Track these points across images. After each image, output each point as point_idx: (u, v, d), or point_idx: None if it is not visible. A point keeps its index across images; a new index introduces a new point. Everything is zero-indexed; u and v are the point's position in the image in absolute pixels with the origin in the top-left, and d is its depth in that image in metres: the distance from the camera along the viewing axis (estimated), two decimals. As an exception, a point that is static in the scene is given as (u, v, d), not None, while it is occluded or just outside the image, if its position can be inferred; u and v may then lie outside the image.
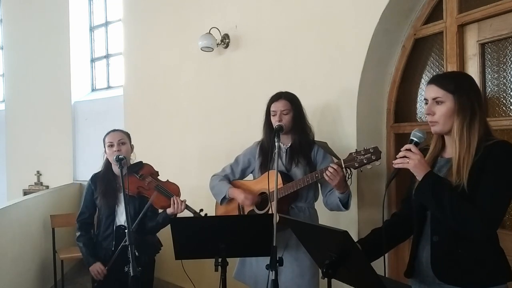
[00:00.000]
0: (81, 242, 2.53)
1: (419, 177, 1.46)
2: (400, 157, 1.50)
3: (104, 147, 2.52)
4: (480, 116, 1.46)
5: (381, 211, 1.86)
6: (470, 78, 1.57)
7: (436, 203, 1.43)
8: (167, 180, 2.52)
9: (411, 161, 1.47)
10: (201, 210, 2.41)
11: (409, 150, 1.49)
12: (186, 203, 2.38)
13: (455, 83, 1.48)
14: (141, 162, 2.55)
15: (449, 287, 1.48)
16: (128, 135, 2.57)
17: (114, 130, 2.54)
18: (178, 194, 2.44)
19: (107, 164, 2.55)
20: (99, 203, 2.50)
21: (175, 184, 2.51)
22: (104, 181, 2.50)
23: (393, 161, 1.53)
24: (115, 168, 2.50)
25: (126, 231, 2.37)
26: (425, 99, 1.55)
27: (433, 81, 1.53)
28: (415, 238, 1.61)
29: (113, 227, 2.46)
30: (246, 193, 2.26)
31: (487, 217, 1.38)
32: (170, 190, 2.44)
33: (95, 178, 2.56)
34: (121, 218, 2.47)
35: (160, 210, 2.49)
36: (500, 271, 1.47)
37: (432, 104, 1.51)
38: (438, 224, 1.50)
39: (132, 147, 2.56)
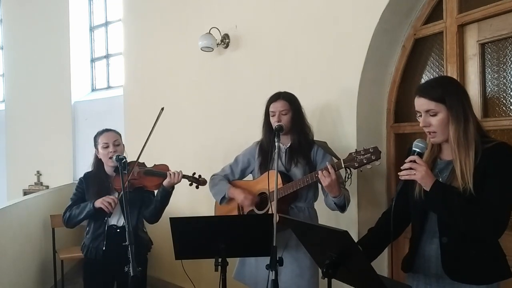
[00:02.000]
0: (69, 211, 2.43)
1: (427, 187, 1.49)
2: (406, 169, 1.51)
3: (96, 147, 2.50)
4: (472, 117, 1.49)
5: (381, 211, 1.88)
6: (455, 81, 1.60)
7: (447, 211, 1.47)
8: (154, 164, 2.54)
9: (418, 172, 1.48)
10: (194, 173, 2.50)
11: (414, 161, 1.50)
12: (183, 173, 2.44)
13: (443, 90, 1.50)
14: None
15: (452, 282, 1.52)
16: (120, 135, 2.56)
17: (107, 130, 2.52)
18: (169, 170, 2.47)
19: (98, 164, 2.52)
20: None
21: (163, 164, 2.53)
22: (97, 181, 2.47)
23: (398, 173, 1.54)
24: (108, 168, 2.50)
25: (118, 231, 2.41)
26: (416, 111, 1.57)
27: (421, 93, 1.53)
28: (416, 234, 1.64)
29: (104, 226, 2.43)
30: (245, 193, 2.26)
31: (496, 219, 1.42)
32: (159, 170, 2.48)
33: (87, 177, 2.54)
34: (113, 218, 2.44)
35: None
36: (501, 267, 1.53)
37: (426, 116, 1.53)
38: (446, 226, 1.53)
39: (123, 145, 2.55)
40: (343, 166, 1.97)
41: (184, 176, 2.45)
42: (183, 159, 3.86)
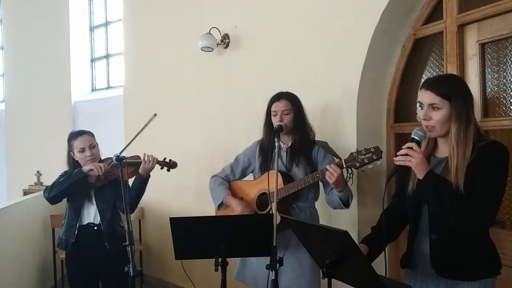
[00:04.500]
0: (57, 185, 2.48)
1: (420, 175, 1.49)
2: (402, 155, 1.51)
3: (72, 150, 2.55)
4: (473, 120, 1.51)
5: (381, 211, 1.87)
6: (463, 82, 1.61)
7: (437, 201, 1.47)
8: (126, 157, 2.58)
9: (413, 159, 1.49)
10: (165, 158, 2.59)
11: (411, 148, 1.50)
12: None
13: (451, 88, 1.50)
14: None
15: (446, 280, 1.53)
16: (93, 135, 2.61)
17: (81, 134, 2.55)
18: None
19: (75, 164, 2.57)
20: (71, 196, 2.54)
21: (134, 155, 2.58)
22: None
23: (394, 158, 1.55)
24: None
25: (95, 228, 2.49)
26: (419, 102, 1.56)
27: (428, 86, 1.53)
28: (411, 232, 1.66)
29: (77, 219, 2.50)
30: (243, 205, 2.25)
31: (484, 216, 1.44)
32: (132, 159, 2.54)
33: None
34: (90, 215, 2.51)
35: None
36: (492, 265, 1.54)
37: (428, 109, 1.52)
38: (436, 222, 1.55)
39: (97, 145, 2.60)
40: (344, 166, 1.98)
41: (159, 162, 2.54)
42: (183, 159, 3.86)
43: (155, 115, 2.39)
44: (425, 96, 1.53)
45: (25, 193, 5.75)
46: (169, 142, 4.04)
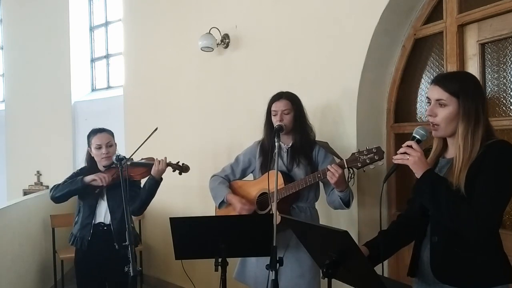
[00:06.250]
0: (60, 186, 2.52)
1: (418, 174, 1.45)
2: (401, 153, 1.48)
3: (90, 145, 2.58)
4: (483, 120, 1.44)
5: (382, 211, 1.87)
6: (475, 80, 1.53)
7: (433, 202, 1.42)
8: (141, 158, 2.62)
9: (411, 157, 1.45)
10: (178, 162, 2.62)
11: (410, 146, 1.47)
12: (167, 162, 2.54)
13: (461, 85, 1.45)
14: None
15: (449, 287, 1.47)
16: (113, 134, 2.63)
17: (101, 131, 2.57)
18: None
19: (91, 161, 2.61)
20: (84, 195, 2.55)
21: (149, 157, 2.61)
22: None
23: (393, 157, 1.51)
24: (101, 166, 2.59)
25: (105, 228, 2.51)
26: (427, 98, 1.52)
27: (438, 81, 1.49)
28: (418, 238, 1.60)
29: (92, 216, 2.52)
30: (243, 202, 2.25)
31: (483, 218, 1.35)
32: (145, 160, 2.57)
33: (83, 172, 2.62)
34: (101, 214, 2.53)
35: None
36: (500, 273, 1.45)
37: (435, 105, 1.48)
38: (437, 225, 1.49)
39: (115, 145, 2.62)
40: (346, 166, 1.97)
41: (169, 164, 2.55)
42: (183, 159, 3.86)
43: (156, 129, 2.41)
44: (433, 92, 1.48)
45: (25, 193, 5.74)
46: (169, 142, 4.03)
